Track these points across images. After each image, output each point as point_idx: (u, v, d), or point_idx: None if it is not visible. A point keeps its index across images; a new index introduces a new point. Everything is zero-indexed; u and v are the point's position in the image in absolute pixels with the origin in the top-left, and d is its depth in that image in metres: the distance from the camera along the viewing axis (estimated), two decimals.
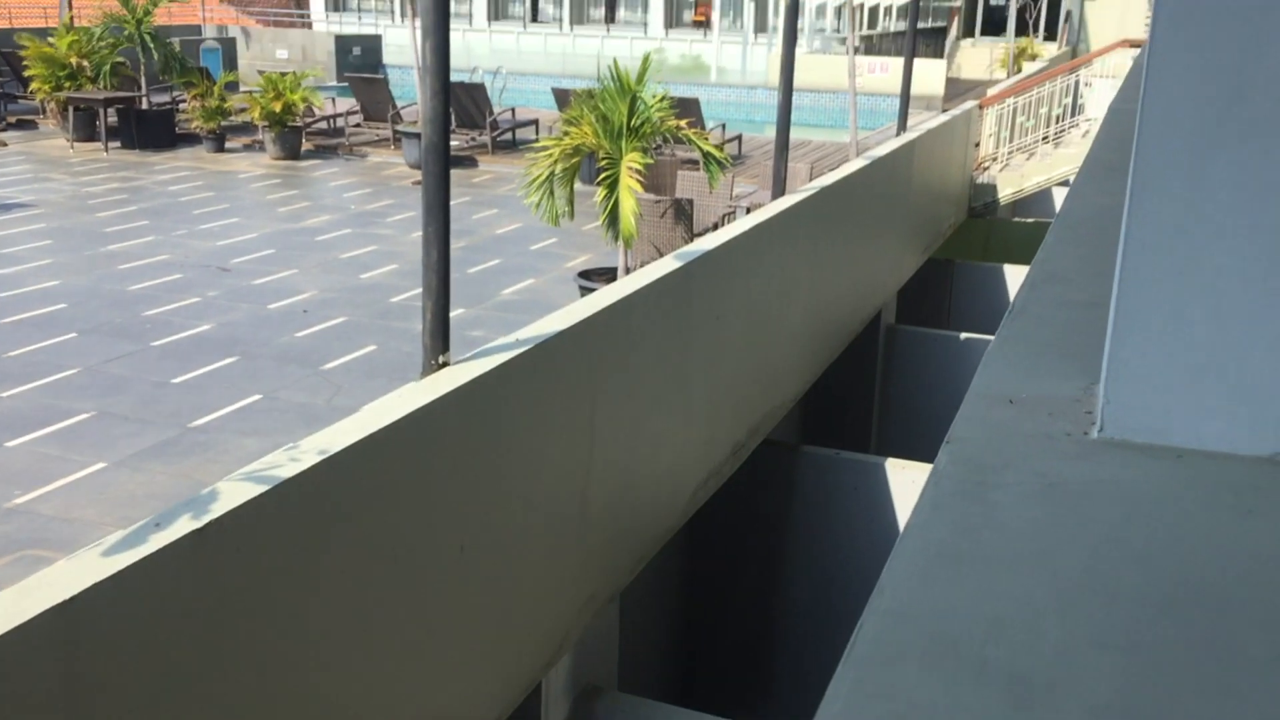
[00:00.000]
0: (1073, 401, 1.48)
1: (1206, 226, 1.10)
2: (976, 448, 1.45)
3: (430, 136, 4.52)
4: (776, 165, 9.14)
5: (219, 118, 17.88)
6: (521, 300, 10.69)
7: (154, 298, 10.16)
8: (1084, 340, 1.74)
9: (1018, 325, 2.13)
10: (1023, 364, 1.81)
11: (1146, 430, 1.17)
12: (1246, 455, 1.13)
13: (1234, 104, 1.09)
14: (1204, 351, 1.11)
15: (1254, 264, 1.09)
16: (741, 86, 29.57)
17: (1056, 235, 3.04)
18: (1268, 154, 1.08)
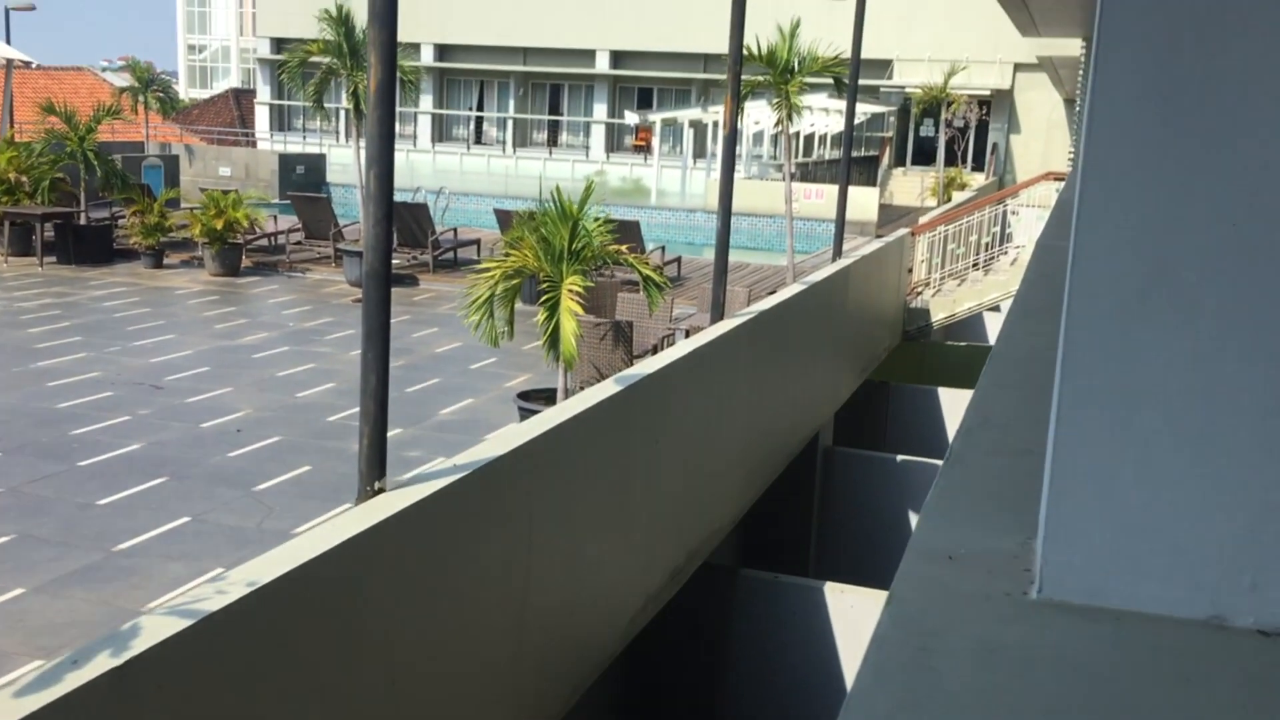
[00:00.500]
0: (1011, 558, 1.49)
1: (1136, 391, 1.13)
2: (917, 609, 1.44)
3: (372, 262, 4.53)
4: (715, 290, 9.26)
5: (158, 234, 17.81)
6: (460, 420, 10.62)
7: (83, 416, 9.95)
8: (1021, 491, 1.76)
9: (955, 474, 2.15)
10: (961, 517, 1.83)
11: (1084, 591, 1.18)
12: (1183, 618, 1.14)
13: (1157, 278, 1.13)
14: (1138, 513, 1.13)
15: (1183, 427, 1.11)
16: (681, 209, 30.15)
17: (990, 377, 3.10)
18: (1190, 324, 1.12)
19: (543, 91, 43.84)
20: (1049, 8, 13.50)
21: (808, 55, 15.26)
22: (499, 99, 44.17)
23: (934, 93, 30.68)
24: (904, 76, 34.45)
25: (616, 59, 41.10)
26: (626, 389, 6.49)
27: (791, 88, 14.96)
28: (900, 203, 32.82)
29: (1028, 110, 34.43)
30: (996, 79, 33.87)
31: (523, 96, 43.62)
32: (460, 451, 9.02)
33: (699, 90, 39.89)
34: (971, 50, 33.19)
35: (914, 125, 35.96)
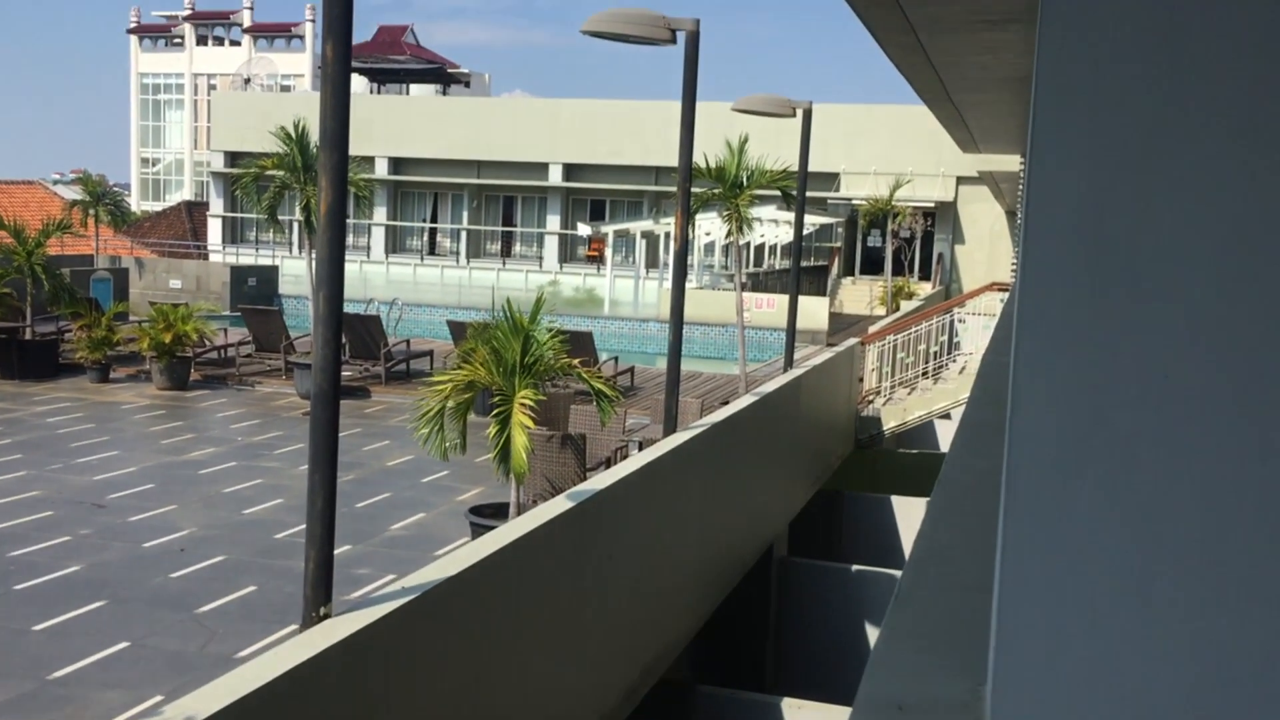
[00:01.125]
0: (961, 707, 1.47)
1: (1078, 543, 1.13)
2: None
3: (321, 384, 4.50)
4: (668, 402, 9.28)
5: (105, 348, 17.61)
6: (411, 536, 10.46)
7: (21, 537, 9.68)
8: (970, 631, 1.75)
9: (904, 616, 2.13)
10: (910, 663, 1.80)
11: None
12: None
13: (1094, 429, 1.14)
14: (1087, 665, 1.12)
15: (1126, 580, 1.11)
16: (634, 319, 30.36)
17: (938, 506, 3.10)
18: (1128, 476, 1.13)
19: (496, 203, 44.33)
20: (987, 127, 13.94)
21: (756, 169, 15.59)
22: (453, 210, 44.59)
23: (880, 205, 31.40)
24: (851, 189, 35.27)
25: (569, 171, 41.74)
26: (579, 505, 6.43)
27: (741, 201, 15.25)
28: (850, 311, 33.30)
29: (971, 221, 35.30)
30: (940, 191, 34.76)
31: (476, 208, 44.07)
32: (410, 568, 8.86)
33: (651, 201, 40.54)
34: (915, 164, 34.10)
35: (862, 236, 36.72)
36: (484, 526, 9.18)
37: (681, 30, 8.90)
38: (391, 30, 68.07)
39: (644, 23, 8.71)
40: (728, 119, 13.74)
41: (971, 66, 8.52)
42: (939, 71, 8.94)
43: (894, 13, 6.47)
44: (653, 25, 8.67)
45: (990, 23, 6.64)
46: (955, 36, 7.16)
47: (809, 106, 13.25)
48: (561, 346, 9.83)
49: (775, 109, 12.65)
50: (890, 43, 7.79)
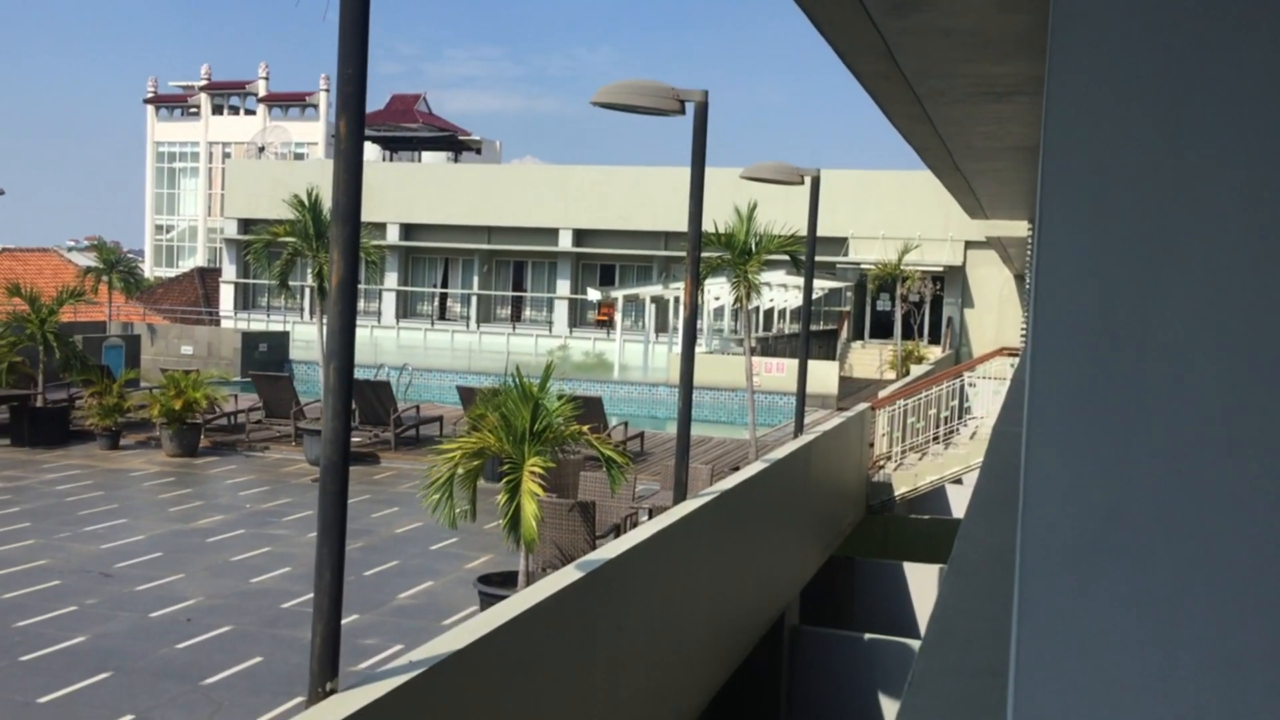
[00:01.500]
0: None
1: (1093, 639, 1.11)
2: None
3: (330, 456, 4.50)
4: (678, 469, 9.25)
5: (115, 415, 17.66)
6: (419, 605, 10.38)
7: (26, 607, 9.63)
8: None
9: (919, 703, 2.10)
10: None
11: None
12: None
13: (1109, 523, 1.13)
14: None
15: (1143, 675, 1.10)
16: (644, 384, 30.37)
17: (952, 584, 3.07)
18: (1143, 572, 1.11)
19: (507, 268, 44.62)
20: (994, 194, 14.03)
21: (765, 235, 15.68)
22: (463, 275, 44.88)
23: (889, 269, 31.53)
24: (859, 253, 35.44)
25: (579, 236, 42.06)
26: (588, 575, 6.38)
27: (750, 267, 15.32)
28: (860, 375, 33.27)
29: (980, 285, 35.40)
30: (949, 256, 34.91)
31: (487, 273, 44.36)
32: (418, 638, 8.78)
33: (660, 266, 40.76)
34: (923, 229, 34.29)
35: (871, 300, 36.80)
36: (493, 596, 9.12)
37: (690, 101, 9.00)
38: (404, 99, 69.05)
39: (653, 94, 8.82)
40: (736, 183, 13.86)
41: (978, 136, 8.59)
42: (945, 141, 9.02)
43: (899, 85, 6.55)
44: (661, 97, 8.77)
45: (995, 95, 6.72)
46: (961, 108, 7.23)
47: (817, 174, 13.36)
48: (571, 413, 9.82)
49: (783, 176, 12.75)
50: (896, 113, 7.87)
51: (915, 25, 5.36)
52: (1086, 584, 1.09)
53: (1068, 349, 1.16)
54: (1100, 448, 1.12)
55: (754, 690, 10.62)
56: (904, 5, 5.03)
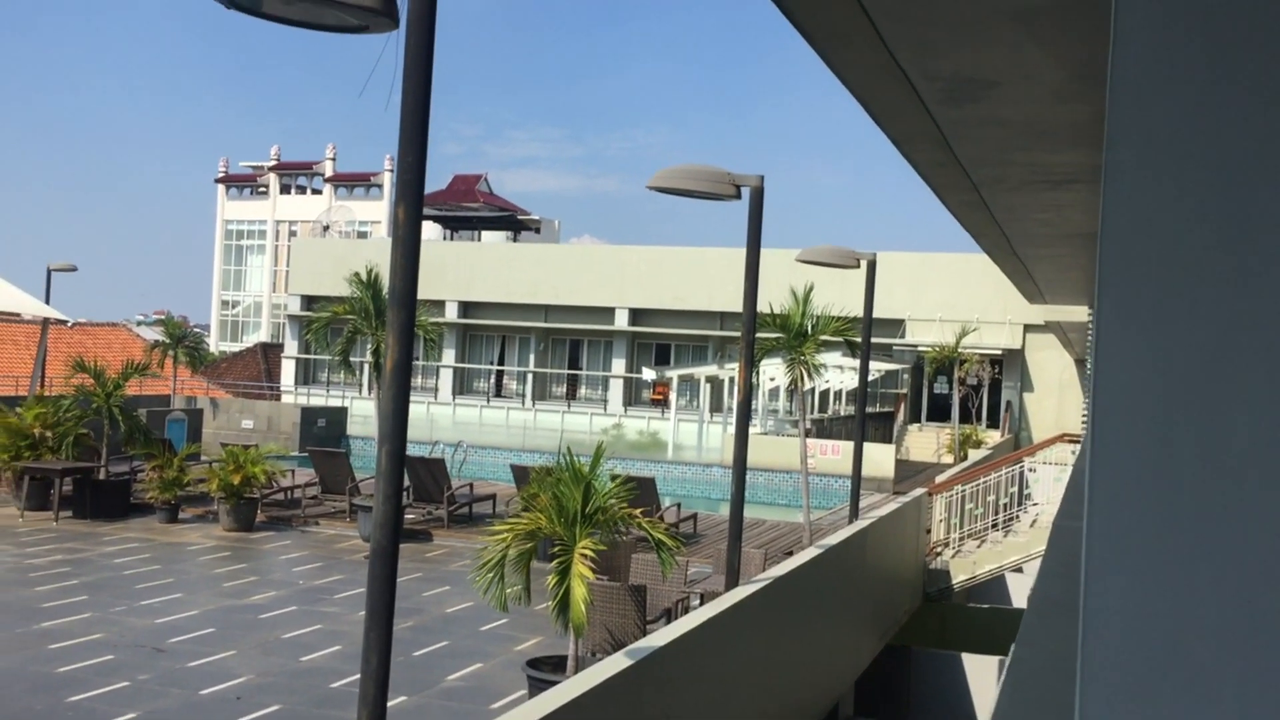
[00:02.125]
0: None
1: None
2: None
3: (380, 540, 4.50)
4: (730, 555, 9.15)
5: (175, 489, 17.89)
6: (467, 688, 10.29)
7: (81, 681, 9.68)
8: None
9: None
10: None
11: None
12: None
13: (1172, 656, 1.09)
14: None
15: None
16: (697, 464, 30.23)
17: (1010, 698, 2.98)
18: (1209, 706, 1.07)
19: (562, 346, 44.90)
20: (1053, 280, 13.91)
21: (821, 318, 15.63)
22: (519, 353, 45.22)
23: (946, 352, 31.26)
24: (916, 336, 35.22)
25: (635, 316, 42.28)
26: (638, 663, 6.30)
27: (806, 350, 15.26)
28: (917, 458, 32.87)
29: (1040, 369, 34.96)
30: (1007, 339, 34.58)
31: (543, 351, 44.65)
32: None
33: (715, 346, 40.79)
34: (981, 311, 34.04)
35: (928, 382, 36.47)
36: (541, 681, 9.02)
37: (746, 186, 9.06)
38: (466, 179, 70.38)
39: (709, 179, 8.89)
40: (792, 264, 13.88)
41: (1036, 223, 8.55)
42: (1003, 227, 8.98)
43: (955, 172, 6.54)
44: (718, 181, 8.84)
45: (1053, 182, 6.69)
46: (1018, 195, 7.21)
47: (873, 258, 13.35)
48: (623, 495, 9.78)
49: (839, 260, 12.75)
50: (953, 200, 7.87)
51: (971, 115, 5.37)
52: (1149, 716, 1.05)
53: (1128, 461, 1.12)
54: (1163, 570, 1.08)
55: None
56: (960, 96, 5.05)
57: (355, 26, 4.53)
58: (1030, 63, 4.46)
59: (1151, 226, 1.26)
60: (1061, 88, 4.81)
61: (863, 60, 4.59)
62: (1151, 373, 1.21)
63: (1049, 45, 4.19)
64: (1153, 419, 1.18)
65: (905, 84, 4.84)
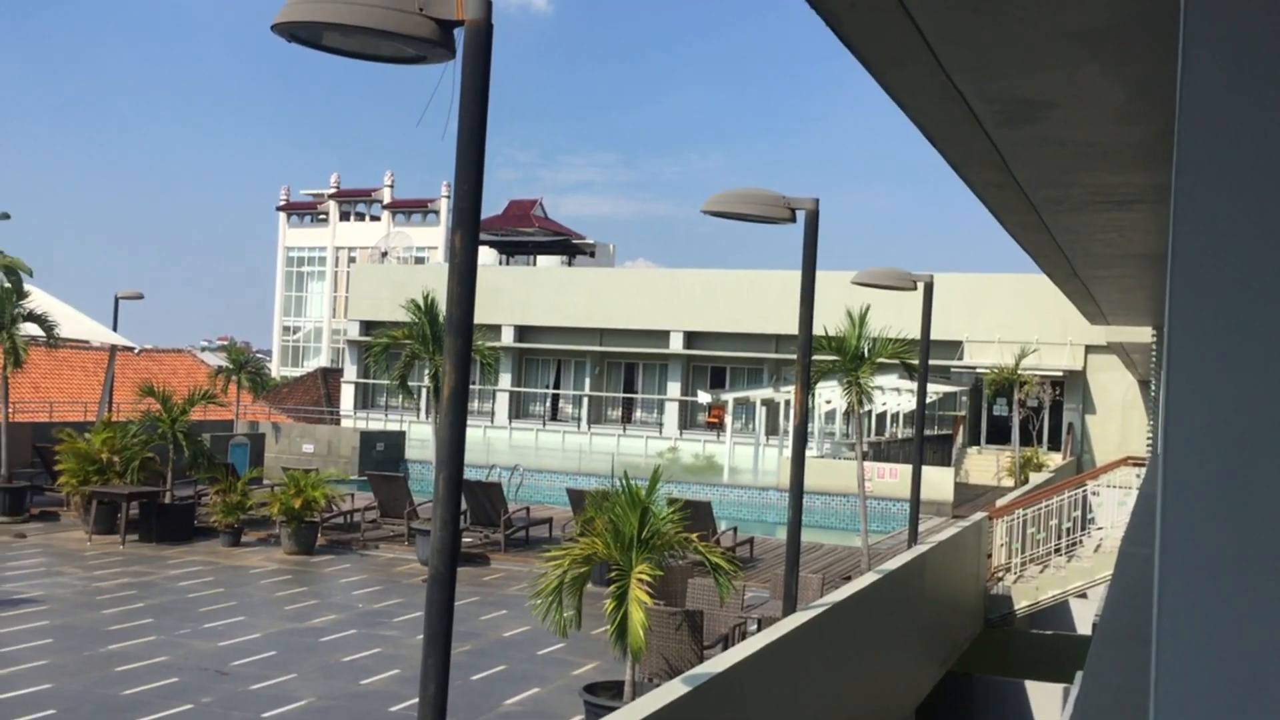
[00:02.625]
0: None
1: None
2: None
3: (438, 566, 4.52)
4: (787, 581, 9.08)
5: (238, 513, 18.13)
6: (525, 712, 10.29)
7: (146, 704, 9.82)
8: None
9: None
10: None
11: None
12: None
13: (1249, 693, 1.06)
14: None
15: None
16: (754, 488, 30.07)
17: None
18: None
19: (618, 370, 44.99)
20: (1115, 300, 13.69)
21: (877, 340, 15.51)
22: (575, 377, 45.36)
23: (1005, 374, 30.86)
24: (974, 357, 34.83)
25: (690, 339, 42.26)
26: (695, 689, 6.26)
27: (862, 373, 15.14)
28: (976, 481, 32.44)
29: (1102, 391, 34.39)
30: (1068, 360, 34.08)
31: (598, 375, 44.77)
32: None
33: (771, 369, 40.64)
34: (1041, 332, 33.59)
35: (987, 404, 36.02)
36: (599, 707, 8.99)
37: (801, 209, 9.04)
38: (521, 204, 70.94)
39: (763, 202, 8.88)
40: (848, 286, 13.80)
41: (1098, 244, 8.43)
42: (1063, 248, 8.86)
43: (1014, 194, 6.48)
44: (772, 205, 8.83)
45: (1115, 203, 6.59)
46: (1079, 216, 7.11)
47: (930, 279, 13.23)
48: (679, 518, 9.74)
49: (896, 282, 12.66)
50: (1012, 221, 7.78)
51: (1029, 137, 5.32)
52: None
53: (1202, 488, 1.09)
54: (1240, 604, 1.05)
55: None
56: (1018, 117, 5.00)
57: (412, 57, 4.60)
58: (1089, 83, 4.41)
59: (1223, 248, 1.24)
60: (1122, 107, 4.74)
61: (919, 83, 4.56)
62: (1225, 396, 1.18)
63: (1109, 65, 4.13)
64: (1227, 444, 1.15)
65: (962, 106, 4.80)
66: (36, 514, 19.96)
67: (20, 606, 13.35)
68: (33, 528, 19.04)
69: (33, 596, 13.94)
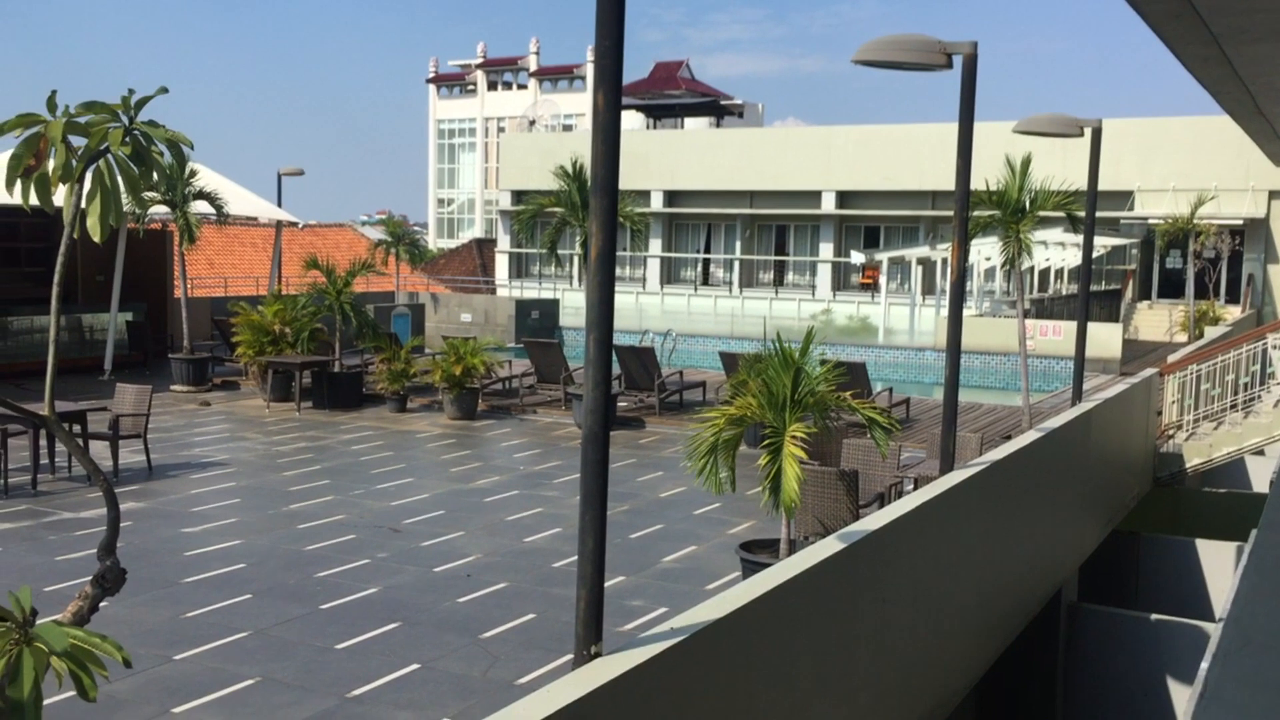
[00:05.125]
0: None
1: None
2: None
3: (591, 426, 4.58)
4: (944, 439, 8.95)
5: (403, 380, 18.82)
6: (682, 569, 10.53)
7: (327, 559, 10.43)
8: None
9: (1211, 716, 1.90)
10: None
11: None
12: None
13: None
14: None
15: None
16: (909, 348, 29.58)
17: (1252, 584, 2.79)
18: None
19: (769, 232, 44.47)
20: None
21: (1039, 192, 14.83)
22: (726, 241, 45.05)
23: (1180, 223, 29.27)
24: (1146, 207, 33.11)
25: (842, 199, 41.35)
26: (851, 546, 6.27)
27: (1022, 227, 14.55)
28: (1146, 338, 31.18)
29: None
30: (1249, 207, 32.07)
31: (749, 238, 44.35)
32: (682, 601, 8.93)
33: (927, 227, 39.53)
34: (1220, 178, 31.63)
35: (1159, 257, 34.33)
36: (754, 564, 9.13)
37: (958, 54, 8.61)
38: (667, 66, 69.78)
39: (918, 49, 8.48)
40: (1009, 138, 13.17)
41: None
42: (1246, 83, 8.23)
43: (1192, 24, 6.00)
44: (928, 51, 8.43)
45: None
46: (1264, 46, 6.56)
47: (1098, 124, 12.51)
48: (834, 379, 9.66)
49: (1061, 129, 12.01)
50: (1190, 55, 7.24)
51: None
52: None
53: None
54: None
55: (1026, 671, 10.19)
56: None
57: None
58: None
59: None
60: None
61: None
62: None
63: None
64: None
65: None
66: (218, 383, 21.13)
67: (210, 469, 14.26)
68: (215, 396, 20.19)
69: (220, 460, 14.86)
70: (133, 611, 8.74)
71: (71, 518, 11.66)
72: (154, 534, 11.08)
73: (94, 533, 11.01)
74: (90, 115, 3.35)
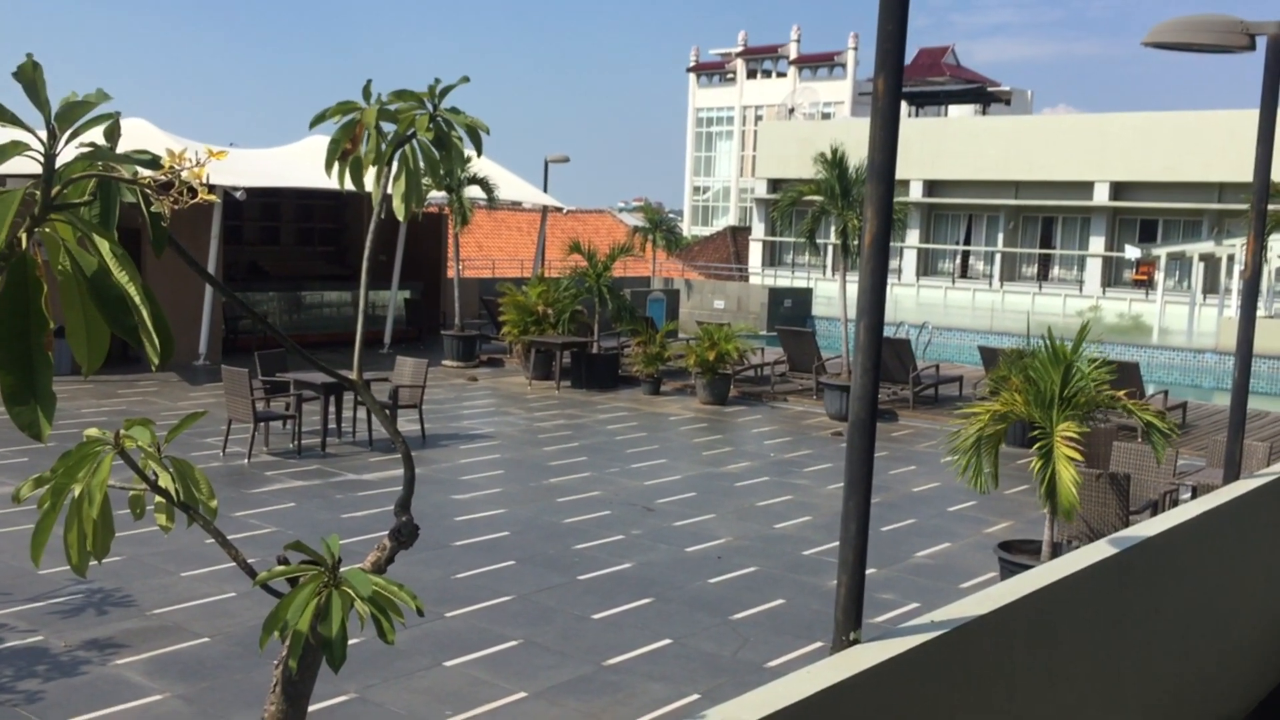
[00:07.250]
0: None
1: None
2: None
3: (859, 413, 4.58)
4: (1230, 445, 8.37)
5: (657, 363, 19.23)
6: (935, 565, 10.32)
7: (584, 532, 10.82)
8: None
9: None
10: None
11: None
12: None
13: None
14: None
15: None
16: (1187, 350, 27.73)
17: None
18: None
19: (1034, 224, 42.63)
20: None
21: None
22: (987, 232, 43.50)
23: None
24: None
25: (1117, 189, 39.12)
26: (1124, 552, 5.99)
27: None
28: None
29: None
30: None
31: (1013, 229, 42.65)
32: (934, 598, 8.77)
33: (1211, 221, 36.88)
34: None
35: None
36: (1014, 565, 8.84)
37: (1262, 35, 8.01)
38: (932, 52, 67.90)
39: (1218, 29, 7.95)
40: None
41: None
42: None
43: None
44: (1228, 32, 7.88)
45: None
46: None
47: None
48: (1105, 378, 9.21)
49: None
50: None
51: None
52: None
53: None
54: None
55: None
56: None
57: None
58: None
59: None
60: None
61: None
62: None
63: None
64: None
65: None
66: (484, 360, 22.22)
67: (477, 441, 15.03)
68: (482, 372, 21.24)
69: (486, 433, 15.64)
70: (409, 569, 9.35)
71: (355, 479, 12.57)
72: (428, 499, 11.80)
73: (375, 494, 11.83)
74: (399, 103, 3.62)
